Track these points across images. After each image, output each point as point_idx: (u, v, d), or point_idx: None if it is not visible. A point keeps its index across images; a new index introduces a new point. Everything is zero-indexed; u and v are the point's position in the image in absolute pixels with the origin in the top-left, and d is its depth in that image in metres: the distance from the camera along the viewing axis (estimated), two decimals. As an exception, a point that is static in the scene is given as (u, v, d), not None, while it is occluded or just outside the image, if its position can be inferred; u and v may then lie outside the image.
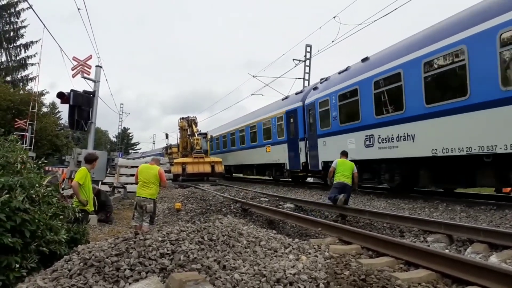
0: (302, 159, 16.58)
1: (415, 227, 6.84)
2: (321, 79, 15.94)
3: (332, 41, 18.07)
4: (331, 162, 12.36)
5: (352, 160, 11.40)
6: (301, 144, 16.68)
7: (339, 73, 14.07)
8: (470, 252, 5.15)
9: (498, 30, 7.68)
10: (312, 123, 15.64)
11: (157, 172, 7.77)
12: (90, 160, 7.17)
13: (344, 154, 10.04)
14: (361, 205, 11.01)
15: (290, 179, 19.86)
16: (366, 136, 11.96)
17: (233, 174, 29.21)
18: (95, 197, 7.40)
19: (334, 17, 17.25)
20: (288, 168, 18.10)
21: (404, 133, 10.28)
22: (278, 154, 18.85)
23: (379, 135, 11.31)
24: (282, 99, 20.05)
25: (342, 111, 13.37)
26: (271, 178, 21.73)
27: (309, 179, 19.86)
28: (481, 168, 8.59)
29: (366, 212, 8.28)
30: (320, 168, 15.01)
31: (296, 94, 18.41)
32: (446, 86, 9.21)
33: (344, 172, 9.45)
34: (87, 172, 6.81)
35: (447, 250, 5.41)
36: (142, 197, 7.67)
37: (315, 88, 15.99)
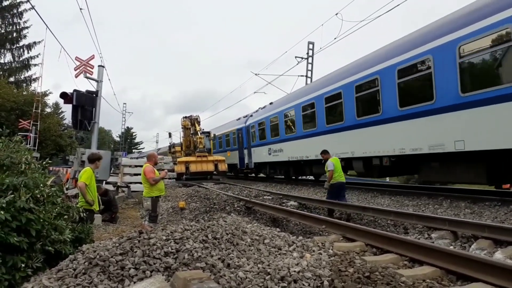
0: (246, 161, 24.09)
1: (419, 224, 6.82)
2: (259, 107, 23.62)
3: (335, 38, 18.11)
4: (259, 163, 22.32)
5: (263, 162, 21.44)
6: (245, 151, 24.21)
7: (261, 108, 22.72)
8: (475, 249, 5.14)
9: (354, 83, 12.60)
10: (249, 138, 23.55)
11: (142, 171, 7.96)
12: (93, 159, 7.21)
13: (327, 152, 10.48)
14: (365, 202, 11.01)
15: (242, 174, 27.70)
16: (268, 148, 20.20)
17: None
18: (99, 197, 7.47)
19: (337, 14, 17.21)
20: (238, 167, 25.88)
21: (280, 148, 18.71)
22: (234, 157, 26.31)
23: (273, 148, 19.61)
24: (237, 119, 28.00)
25: (259, 133, 21.70)
26: (232, 173, 29.19)
27: (261, 174, 26.12)
28: (304, 167, 17.35)
29: (370, 209, 8.26)
30: (253, 166, 23.24)
31: (244, 117, 26.18)
32: (290, 127, 17.61)
33: (340, 172, 9.98)
34: (92, 172, 6.85)
35: (451, 247, 5.40)
36: (143, 196, 7.97)
37: (251, 115, 24.12)
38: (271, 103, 21.38)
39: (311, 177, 20.46)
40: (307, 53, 25.37)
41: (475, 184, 10.37)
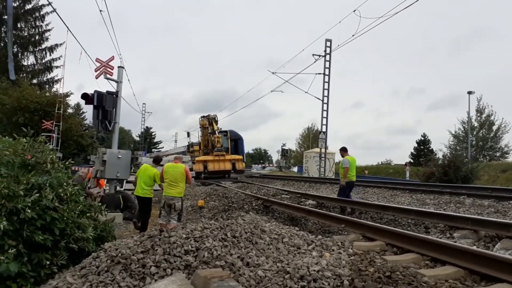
0: None
1: (440, 223, 6.69)
2: None
3: (353, 35, 17.88)
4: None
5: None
6: None
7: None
8: (499, 248, 5.02)
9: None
10: None
11: (183, 170, 7.88)
12: (159, 161, 9.24)
13: (346, 150, 10.22)
14: (385, 200, 10.86)
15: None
16: None
17: None
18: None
19: (354, 10, 17.01)
20: None
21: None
22: None
23: None
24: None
25: None
26: None
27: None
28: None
29: (390, 208, 8.15)
30: None
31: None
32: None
33: (354, 172, 10.01)
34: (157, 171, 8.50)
35: (474, 246, 5.28)
36: (171, 196, 7.75)
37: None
38: None
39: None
40: (325, 51, 25.20)
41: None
